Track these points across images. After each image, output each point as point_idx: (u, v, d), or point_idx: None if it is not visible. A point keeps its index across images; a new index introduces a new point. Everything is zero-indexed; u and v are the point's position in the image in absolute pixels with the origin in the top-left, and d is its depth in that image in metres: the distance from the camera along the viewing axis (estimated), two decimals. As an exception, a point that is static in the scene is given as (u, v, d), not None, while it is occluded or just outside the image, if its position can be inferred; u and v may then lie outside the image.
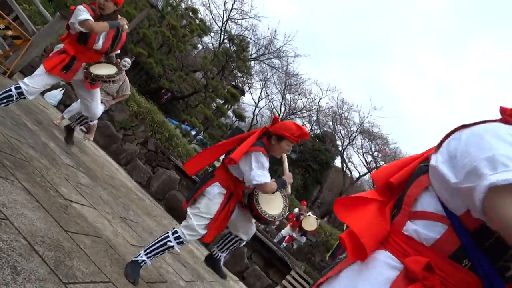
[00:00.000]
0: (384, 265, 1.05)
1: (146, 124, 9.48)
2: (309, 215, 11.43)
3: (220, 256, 3.26)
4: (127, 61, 6.72)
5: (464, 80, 60.96)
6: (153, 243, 2.82)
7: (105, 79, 3.90)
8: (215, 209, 2.81)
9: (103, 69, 3.94)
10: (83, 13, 3.49)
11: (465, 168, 0.88)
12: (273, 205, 3.00)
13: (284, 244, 11.28)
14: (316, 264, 14.37)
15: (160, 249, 2.78)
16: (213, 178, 2.90)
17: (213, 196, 2.83)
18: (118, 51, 4.20)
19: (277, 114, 27.37)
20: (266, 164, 2.78)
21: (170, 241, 2.78)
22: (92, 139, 7.09)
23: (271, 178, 2.81)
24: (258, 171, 2.72)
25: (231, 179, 2.88)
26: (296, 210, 11.94)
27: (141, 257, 2.74)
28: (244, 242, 3.21)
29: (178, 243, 2.78)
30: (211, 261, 3.32)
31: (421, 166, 1.13)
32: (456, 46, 61.42)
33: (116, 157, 8.11)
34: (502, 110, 1.02)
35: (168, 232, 2.83)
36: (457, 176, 0.91)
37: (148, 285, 2.82)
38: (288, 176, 3.04)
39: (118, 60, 4.30)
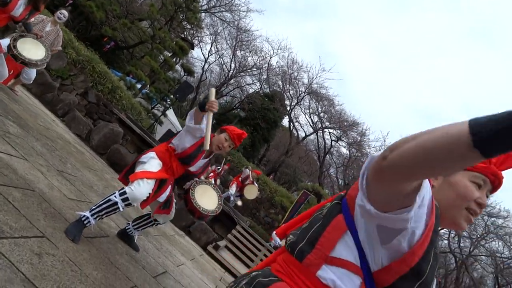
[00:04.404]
0: None
1: (86, 74, 8.80)
2: (255, 185, 11.65)
3: (134, 233, 3.35)
4: (64, 14, 5.98)
5: (404, 41, 63.30)
6: (99, 202, 2.72)
7: (25, 62, 3.68)
8: (156, 164, 2.89)
9: (33, 50, 3.65)
10: None
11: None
12: (208, 201, 3.12)
13: (232, 198, 11.43)
14: (260, 219, 14.86)
15: (104, 206, 2.66)
16: (148, 150, 3.09)
17: (152, 158, 2.93)
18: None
19: (225, 74, 26.88)
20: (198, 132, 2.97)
21: (115, 196, 2.68)
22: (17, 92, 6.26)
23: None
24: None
25: (167, 151, 3.01)
26: (247, 170, 12.02)
27: (85, 214, 2.61)
28: (159, 224, 3.37)
29: (123, 200, 2.67)
30: (124, 236, 3.35)
31: (334, 203, 1.10)
32: (399, 5, 62.75)
33: (52, 107, 7.51)
34: None
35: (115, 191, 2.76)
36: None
37: (88, 240, 2.68)
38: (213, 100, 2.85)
39: (39, 33, 3.99)
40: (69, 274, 2.03)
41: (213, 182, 3.40)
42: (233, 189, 11.58)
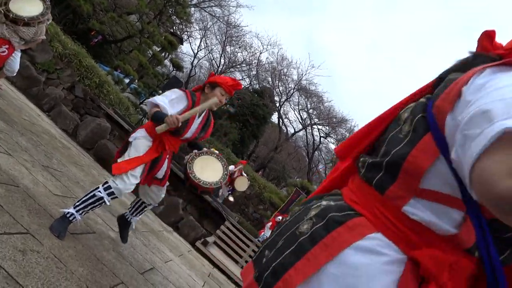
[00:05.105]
0: (385, 258, 0.80)
1: (73, 68, 8.66)
2: (244, 175, 11.61)
3: (132, 219, 3.26)
4: None
5: (394, 39, 63.79)
6: (82, 196, 2.66)
7: (40, 19, 3.21)
8: (143, 149, 2.73)
9: (27, 6, 3.24)
10: None
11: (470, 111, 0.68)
12: (211, 173, 2.88)
13: (220, 193, 11.39)
14: (249, 215, 14.90)
15: (89, 201, 2.60)
16: (137, 127, 2.91)
17: (138, 138, 2.76)
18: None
19: (214, 69, 26.69)
20: (176, 100, 2.74)
21: (99, 191, 2.61)
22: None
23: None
24: (162, 97, 2.74)
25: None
26: (232, 167, 11.99)
27: (70, 210, 2.55)
28: (152, 206, 3.28)
29: (108, 194, 2.61)
30: (121, 223, 3.28)
31: (418, 118, 0.83)
32: (390, 2, 63.04)
33: (38, 101, 7.38)
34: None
35: (99, 185, 2.68)
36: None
37: (74, 236, 2.64)
38: (176, 116, 2.59)
39: None
40: (54, 271, 2.00)
41: (217, 152, 3.09)
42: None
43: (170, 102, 2.72)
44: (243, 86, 27.85)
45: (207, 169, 2.86)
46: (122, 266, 2.91)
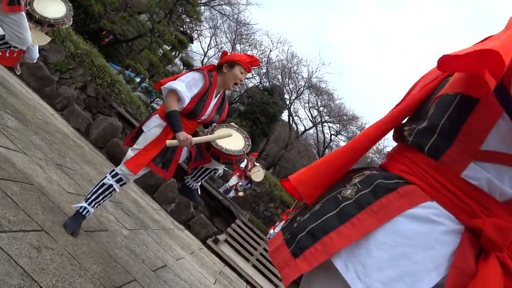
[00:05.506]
0: (441, 228, 0.76)
1: (85, 68, 8.76)
2: (257, 165, 11.67)
3: (195, 185, 3.09)
4: None
5: (404, 34, 63.01)
6: (92, 189, 2.64)
7: (52, 22, 3.22)
8: (154, 137, 2.62)
9: (49, 7, 3.24)
10: None
11: None
12: (231, 142, 2.70)
13: (231, 194, 11.45)
14: (260, 213, 14.90)
15: (99, 191, 2.59)
16: (152, 113, 2.78)
17: (150, 128, 2.65)
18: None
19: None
20: (193, 82, 2.60)
21: (108, 179, 2.59)
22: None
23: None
24: (178, 81, 2.57)
25: None
26: (243, 164, 12.08)
27: (82, 204, 2.56)
28: (219, 171, 3.09)
29: (117, 181, 2.60)
30: (185, 190, 3.12)
31: None
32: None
33: (51, 101, 7.48)
34: None
35: (107, 174, 2.66)
36: None
37: (87, 234, 2.68)
38: (191, 140, 2.53)
39: None
40: (68, 268, 2.03)
41: (236, 125, 2.92)
42: (233, 180, 11.56)
43: (187, 85, 2.58)
44: (253, 84, 27.92)
45: (229, 138, 2.70)
46: (134, 264, 2.94)
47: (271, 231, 12.55)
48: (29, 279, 1.67)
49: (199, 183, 3.12)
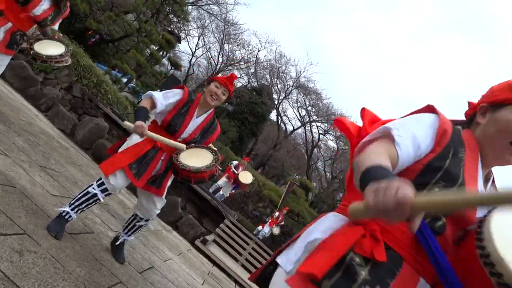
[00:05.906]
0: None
1: (70, 68, 8.63)
2: (246, 171, 11.80)
3: (126, 239, 3.02)
4: None
5: (392, 35, 63.67)
6: (77, 194, 2.64)
7: (58, 59, 3.40)
8: (131, 144, 2.71)
9: (51, 49, 3.41)
10: None
11: None
12: (196, 159, 2.64)
13: (221, 193, 11.44)
14: (248, 213, 14.91)
15: (83, 199, 2.58)
16: None
17: (133, 137, 2.75)
18: (55, 26, 3.61)
19: (213, 67, 26.62)
20: (171, 94, 2.81)
21: (93, 188, 2.59)
22: None
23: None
24: (157, 91, 2.84)
25: (151, 125, 2.83)
26: (235, 162, 12.13)
27: (65, 209, 2.54)
28: (144, 222, 2.98)
29: (102, 191, 2.60)
30: (112, 247, 3.03)
31: None
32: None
33: (35, 102, 7.35)
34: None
35: (93, 182, 2.65)
36: None
37: (71, 236, 2.64)
38: (145, 131, 2.55)
39: (58, 34, 3.72)
40: (51, 272, 2.00)
41: (212, 147, 2.85)
42: (222, 181, 11.56)
43: (163, 94, 2.77)
44: (241, 84, 27.91)
45: (193, 156, 2.66)
46: (120, 266, 2.91)
47: (260, 227, 12.60)
48: (10, 283, 1.65)
49: (132, 238, 3.05)
